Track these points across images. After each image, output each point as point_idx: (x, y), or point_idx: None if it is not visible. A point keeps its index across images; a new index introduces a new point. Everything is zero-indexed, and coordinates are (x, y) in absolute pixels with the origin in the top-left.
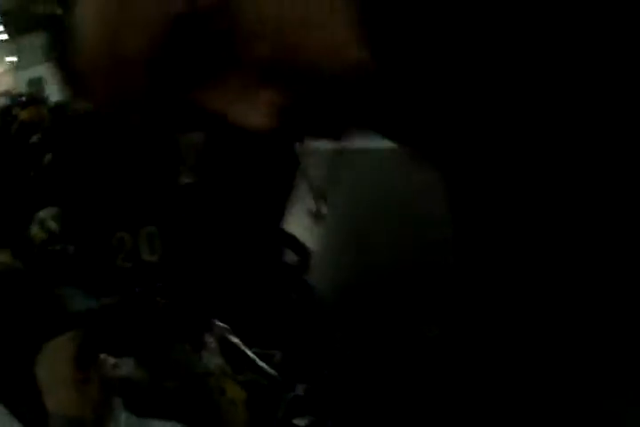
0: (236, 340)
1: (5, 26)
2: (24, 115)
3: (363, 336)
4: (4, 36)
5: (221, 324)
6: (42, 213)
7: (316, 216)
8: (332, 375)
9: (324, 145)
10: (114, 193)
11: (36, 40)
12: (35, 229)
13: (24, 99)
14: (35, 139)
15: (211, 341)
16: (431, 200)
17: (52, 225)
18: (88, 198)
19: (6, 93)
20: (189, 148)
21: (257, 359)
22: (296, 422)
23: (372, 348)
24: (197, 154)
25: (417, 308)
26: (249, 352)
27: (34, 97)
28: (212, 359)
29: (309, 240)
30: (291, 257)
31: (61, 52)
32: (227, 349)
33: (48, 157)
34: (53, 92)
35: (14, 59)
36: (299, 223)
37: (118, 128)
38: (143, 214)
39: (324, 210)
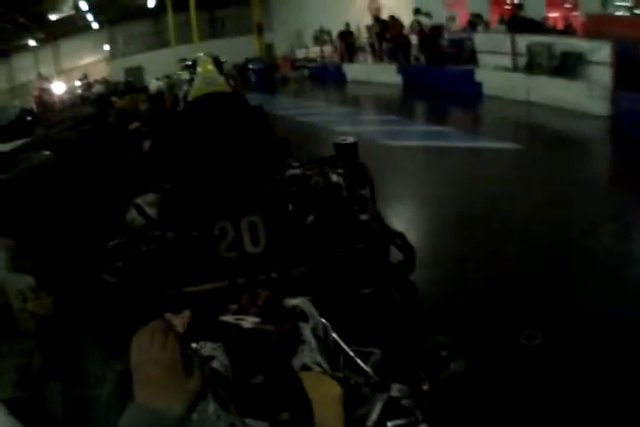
0: (336, 336)
1: (95, 15)
2: (122, 103)
3: (462, 341)
4: (97, 26)
5: (323, 320)
6: (140, 200)
7: None
8: (427, 378)
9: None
10: (216, 180)
11: (131, 30)
12: (133, 215)
13: (121, 87)
14: (133, 126)
15: (310, 336)
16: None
17: (151, 211)
18: (189, 186)
19: (103, 81)
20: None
21: (355, 357)
22: (390, 424)
23: (468, 354)
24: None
25: (517, 315)
26: (348, 350)
27: (131, 85)
28: (311, 355)
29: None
30: (396, 255)
31: None
32: (326, 345)
33: (147, 144)
34: (151, 81)
35: (108, 47)
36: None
37: (222, 116)
38: (246, 204)
39: None
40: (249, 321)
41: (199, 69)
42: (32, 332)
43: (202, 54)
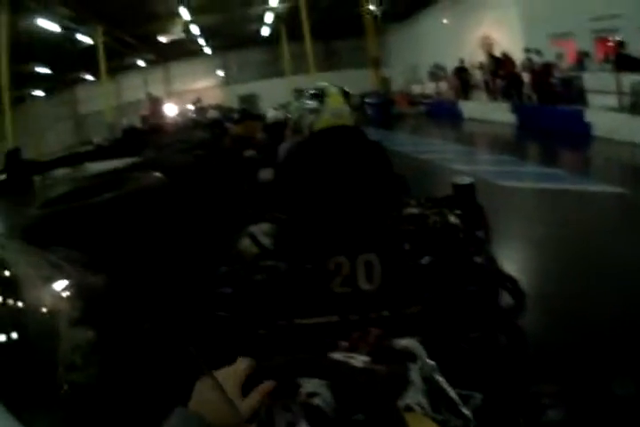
0: (441, 378)
1: (207, 41)
2: (237, 129)
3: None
4: (209, 51)
5: (430, 361)
6: (254, 228)
7: None
8: (526, 424)
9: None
10: (334, 215)
11: (245, 57)
12: (246, 243)
13: (236, 114)
14: (249, 154)
15: (417, 377)
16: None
17: (265, 241)
18: (306, 218)
19: (217, 107)
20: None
21: (457, 400)
22: None
23: (569, 402)
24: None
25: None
26: (451, 392)
27: (247, 112)
28: (415, 396)
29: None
30: (506, 299)
31: None
32: (430, 386)
33: (264, 172)
34: (267, 109)
35: (222, 73)
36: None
37: (345, 150)
38: (364, 241)
39: None
40: (359, 360)
41: (328, 100)
42: (69, 402)
43: (326, 84)
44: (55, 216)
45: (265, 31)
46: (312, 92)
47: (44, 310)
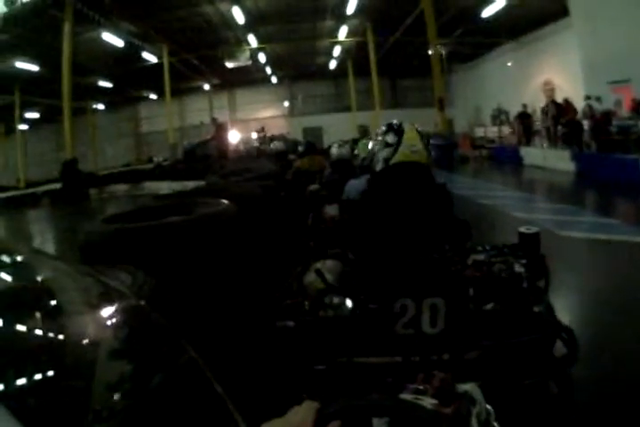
0: (497, 425)
1: (274, 70)
2: (301, 163)
3: None
4: (275, 80)
5: (488, 406)
6: (320, 264)
7: None
8: None
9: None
10: (401, 256)
11: (310, 89)
12: (311, 278)
13: (301, 147)
14: (313, 188)
15: (475, 422)
16: None
17: (330, 277)
18: (374, 257)
19: (282, 138)
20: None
21: None
22: None
23: None
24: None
25: None
26: None
27: (312, 146)
28: None
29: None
30: (560, 349)
31: None
32: None
33: (330, 208)
34: (331, 144)
35: (287, 104)
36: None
37: (417, 187)
38: (430, 285)
39: None
40: (427, 402)
41: (405, 136)
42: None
43: (397, 121)
44: (121, 234)
45: (332, 64)
46: (388, 127)
47: (85, 341)
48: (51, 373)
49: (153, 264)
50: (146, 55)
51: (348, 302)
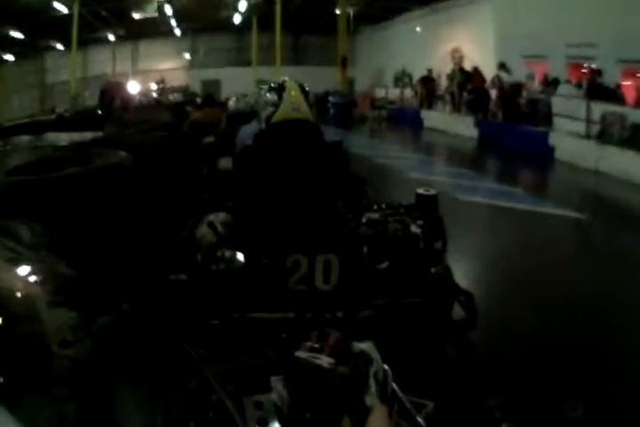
0: (394, 384)
1: (179, 23)
2: (198, 115)
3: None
4: (179, 33)
5: (385, 366)
6: (213, 217)
7: None
8: None
9: None
10: (292, 210)
11: (213, 42)
12: (204, 231)
13: (199, 99)
14: (208, 140)
15: (372, 381)
16: None
17: (222, 230)
18: (264, 211)
19: (181, 89)
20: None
21: (410, 407)
22: None
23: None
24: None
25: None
26: (404, 399)
27: (211, 99)
28: (372, 400)
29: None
30: (459, 312)
31: None
32: (384, 391)
33: (223, 161)
34: (231, 98)
35: (188, 56)
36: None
37: (303, 144)
38: (324, 241)
39: None
40: (324, 361)
41: (286, 94)
42: (67, 378)
43: (287, 79)
44: (20, 186)
45: (237, 19)
46: (272, 85)
47: (20, 294)
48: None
49: (52, 216)
50: (57, 5)
51: (241, 256)
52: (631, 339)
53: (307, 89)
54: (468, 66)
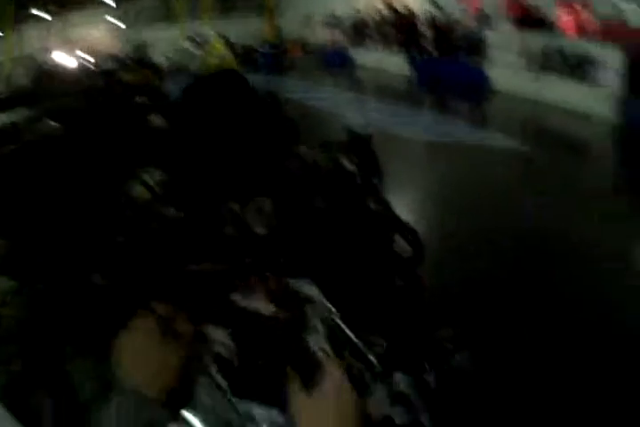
0: (340, 323)
1: None
2: (129, 77)
3: (465, 334)
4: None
5: (329, 305)
6: (146, 174)
7: None
8: (433, 371)
9: None
10: (227, 160)
11: (141, 4)
12: (138, 189)
13: (129, 62)
14: (140, 100)
15: (317, 321)
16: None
17: (157, 187)
18: (197, 164)
19: (110, 56)
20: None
21: (360, 345)
22: (391, 413)
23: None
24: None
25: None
26: (352, 336)
27: (139, 60)
28: (318, 341)
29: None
30: (404, 247)
31: None
32: (331, 331)
33: (154, 118)
34: (157, 56)
35: (118, 22)
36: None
37: (232, 93)
38: (254, 185)
39: None
40: (264, 307)
41: (211, 47)
42: (12, 336)
43: (212, 33)
44: None
45: None
46: (198, 40)
47: None
48: None
49: None
50: None
51: (176, 211)
52: (571, 263)
53: (232, 41)
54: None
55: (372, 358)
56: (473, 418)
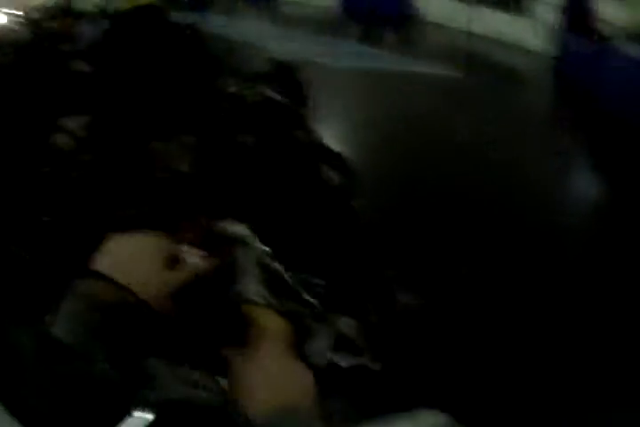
0: (277, 265)
1: None
2: (52, 24)
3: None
4: None
5: (263, 247)
6: (69, 122)
7: None
8: (376, 312)
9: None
10: (147, 101)
11: None
12: (62, 138)
13: (55, 11)
14: (65, 48)
15: (253, 265)
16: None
17: (81, 134)
18: (120, 106)
19: (41, 7)
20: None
21: (298, 287)
22: (334, 356)
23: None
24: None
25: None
26: (290, 280)
27: (62, 8)
28: (253, 286)
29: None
30: (335, 178)
31: None
32: (268, 274)
33: (77, 64)
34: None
35: None
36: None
37: (155, 35)
38: (178, 123)
39: None
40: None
41: None
42: None
43: None
44: None
45: None
46: None
47: None
48: None
49: None
50: None
51: (100, 157)
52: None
53: None
54: None
55: (312, 300)
56: (419, 360)
